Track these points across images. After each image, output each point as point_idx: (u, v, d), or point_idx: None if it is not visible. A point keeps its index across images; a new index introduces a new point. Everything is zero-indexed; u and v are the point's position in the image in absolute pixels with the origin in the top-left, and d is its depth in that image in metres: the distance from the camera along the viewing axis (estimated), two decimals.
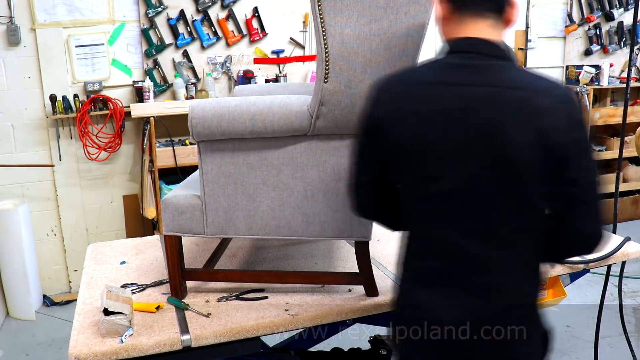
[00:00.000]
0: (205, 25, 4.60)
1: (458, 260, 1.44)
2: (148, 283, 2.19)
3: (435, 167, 1.42)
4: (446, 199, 1.43)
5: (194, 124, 1.92)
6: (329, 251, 2.52)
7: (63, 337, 4.04)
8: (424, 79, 1.46)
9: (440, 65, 1.46)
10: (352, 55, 1.79)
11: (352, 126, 1.87)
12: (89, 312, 1.97)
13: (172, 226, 2.00)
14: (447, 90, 1.40)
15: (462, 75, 1.40)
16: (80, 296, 2.10)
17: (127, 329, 1.83)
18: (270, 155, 1.94)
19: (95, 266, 2.36)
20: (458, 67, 1.41)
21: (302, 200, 1.97)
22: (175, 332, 1.86)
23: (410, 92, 1.45)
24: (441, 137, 1.40)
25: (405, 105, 1.44)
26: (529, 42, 5.72)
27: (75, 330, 1.86)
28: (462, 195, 1.41)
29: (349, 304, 2.04)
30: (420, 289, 1.50)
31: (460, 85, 1.38)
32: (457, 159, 1.39)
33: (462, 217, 1.42)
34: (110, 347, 1.77)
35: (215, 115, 1.88)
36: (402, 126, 1.44)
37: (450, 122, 1.39)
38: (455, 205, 1.42)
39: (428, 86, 1.43)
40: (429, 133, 1.41)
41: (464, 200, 1.41)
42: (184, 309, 2.00)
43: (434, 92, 1.41)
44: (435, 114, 1.40)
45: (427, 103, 1.41)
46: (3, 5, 4.11)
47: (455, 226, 1.43)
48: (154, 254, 2.45)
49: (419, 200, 1.48)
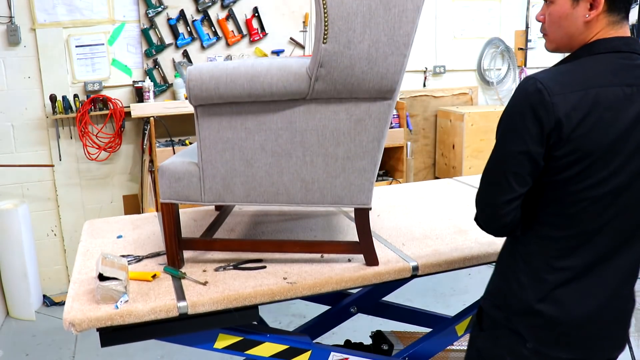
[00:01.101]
0: (205, 25, 4.61)
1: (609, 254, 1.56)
2: (144, 254, 2.16)
3: (613, 166, 1.46)
4: (614, 196, 1.48)
5: (191, 86, 1.89)
6: (328, 225, 2.49)
7: (63, 337, 4.02)
8: (602, 80, 1.46)
9: (610, 64, 1.48)
10: (351, 15, 1.78)
11: (351, 89, 1.86)
12: (84, 281, 1.94)
13: (168, 193, 1.97)
14: (629, 91, 1.44)
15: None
16: (76, 267, 2.07)
17: (122, 295, 1.80)
18: (268, 120, 1.91)
19: (91, 240, 2.32)
20: (634, 67, 1.47)
21: (301, 166, 1.94)
22: (171, 298, 1.82)
23: (593, 94, 1.43)
24: (625, 137, 1.44)
25: (590, 107, 1.43)
26: (529, 42, 5.73)
27: (70, 298, 1.83)
28: (628, 191, 1.49)
29: (349, 273, 2.00)
30: (566, 287, 1.57)
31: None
32: (632, 156, 1.46)
33: (622, 213, 1.50)
34: (105, 313, 1.74)
35: (213, 77, 1.86)
36: (589, 128, 1.43)
37: (633, 123, 1.44)
38: (619, 201, 1.49)
39: (611, 88, 1.44)
40: (616, 133, 1.43)
41: (629, 195, 1.49)
42: (180, 278, 1.96)
43: (617, 92, 1.44)
44: (621, 112, 1.43)
45: (612, 103, 1.43)
46: (3, 5, 4.13)
47: (613, 223, 1.51)
48: (152, 229, 2.42)
49: (587, 200, 1.49)
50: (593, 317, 1.58)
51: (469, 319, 2.47)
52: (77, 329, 1.72)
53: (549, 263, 1.57)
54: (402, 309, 3.16)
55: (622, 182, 1.46)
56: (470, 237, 2.34)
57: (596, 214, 1.50)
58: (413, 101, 5.41)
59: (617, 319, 1.64)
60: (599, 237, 1.52)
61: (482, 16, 5.56)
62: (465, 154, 5.20)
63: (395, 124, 5.01)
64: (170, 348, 3.81)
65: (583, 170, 1.45)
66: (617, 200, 1.48)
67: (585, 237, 1.53)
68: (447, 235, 2.37)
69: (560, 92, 1.42)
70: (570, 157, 1.44)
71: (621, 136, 1.43)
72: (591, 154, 1.43)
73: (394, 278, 2.07)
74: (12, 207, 4.22)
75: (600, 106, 1.41)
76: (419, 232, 2.41)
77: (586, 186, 1.46)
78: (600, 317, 1.58)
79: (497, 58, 5.68)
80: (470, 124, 5.17)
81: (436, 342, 2.45)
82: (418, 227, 2.47)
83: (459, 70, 5.62)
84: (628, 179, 1.47)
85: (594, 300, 1.57)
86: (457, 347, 2.90)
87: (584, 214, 1.50)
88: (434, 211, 2.72)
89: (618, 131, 1.42)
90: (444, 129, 5.46)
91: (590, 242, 1.53)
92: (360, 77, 1.84)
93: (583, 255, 1.54)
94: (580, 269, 1.55)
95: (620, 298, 1.62)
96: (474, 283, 4.29)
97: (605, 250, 1.54)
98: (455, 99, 5.62)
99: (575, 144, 1.42)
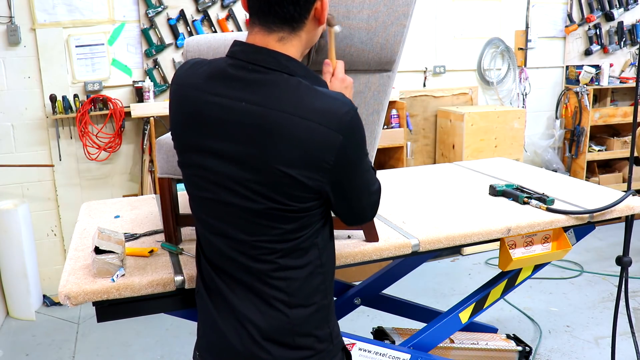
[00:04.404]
0: (205, 25, 4.61)
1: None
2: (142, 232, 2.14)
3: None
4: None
5: (189, 57, 1.88)
6: None
7: (63, 337, 4.01)
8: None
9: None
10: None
11: (350, 60, 1.84)
12: (81, 258, 1.92)
13: (166, 168, 1.95)
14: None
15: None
16: (72, 244, 2.05)
17: (118, 268, 1.77)
18: None
19: (88, 219, 2.30)
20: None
21: None
22: (168, 272, 1.80)
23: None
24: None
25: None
26: (529, 42, 5.74)
27: (65, 272, 1.81)
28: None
29: (348, 249, 1.98)
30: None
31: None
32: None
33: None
34: (101, 286, 1.72)
35: (211, 48, 1.85)
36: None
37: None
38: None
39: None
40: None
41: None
42: (178, 254, 1.94)
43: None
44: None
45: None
46: (3, 5, 4.14)
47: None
48: (149, 209, 2.40)
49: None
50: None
51: (472, 305, 2.45)
52: (73, 302, 1.69)
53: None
54: (405, 303, 3.16)
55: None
56: (470, 215, 2.32)
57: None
58: (413, 101, 5.40)
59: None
60: None
61: (482, 16, 5.57)
62: (465, 154, 5.18)
63: (395, 124, 5.00)
64: (170, 348, 3.79)
65: None
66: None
67: None
68: (447, 214, 2.35)
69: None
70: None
71: None
72: None
73: (395, 254, 2.04)
74: (12, 207, 4.20)
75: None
76: (419, 211, 2.40)
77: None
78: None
79: (497, 58, 5.68)
80: (470, 124, 5.16)
81: (440, 330, 2.42)
82: (418, 207, 2.46)
83: (459, 70, 5.61)
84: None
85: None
86: (458, 345, 2.89)
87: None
88: (434, 192, 2.70)
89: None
90: (444, 129, 5.45)
91: None
92: (360, 47, 1.82)
93: None
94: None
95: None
96: (474, 283, 4.27)
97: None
98: (455, 99, 5.62)
99: None
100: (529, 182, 2.75)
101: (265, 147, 1.30)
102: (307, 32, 1.41)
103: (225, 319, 1.48)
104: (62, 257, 4.60)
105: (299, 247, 1.41)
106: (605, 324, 3.88)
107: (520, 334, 3.39)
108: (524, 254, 2.31)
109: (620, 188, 4.31)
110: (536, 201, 2.41)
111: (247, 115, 1.31)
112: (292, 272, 1.42)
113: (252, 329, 1.43)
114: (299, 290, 1.44)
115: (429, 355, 2.39)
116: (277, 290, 1.42)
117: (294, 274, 1.42)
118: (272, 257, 1.40)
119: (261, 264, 1.41)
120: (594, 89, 5.78)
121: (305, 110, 1.30)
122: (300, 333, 1.45)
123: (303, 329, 1.46)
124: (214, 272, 1.50)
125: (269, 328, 1.43)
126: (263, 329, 1.43)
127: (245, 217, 1.38)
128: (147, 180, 4.48)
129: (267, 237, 1.38)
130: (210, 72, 1.39)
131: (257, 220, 1.37)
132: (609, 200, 2.42)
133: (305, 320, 1.46)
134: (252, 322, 1.43)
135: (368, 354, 2.27)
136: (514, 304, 4.25)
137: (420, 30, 5.33)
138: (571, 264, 4.95)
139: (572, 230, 2.38)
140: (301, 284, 1.44)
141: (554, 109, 6.07)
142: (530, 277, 2.48)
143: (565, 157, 6.03)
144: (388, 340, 2.84)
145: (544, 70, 5.95)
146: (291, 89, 1.32)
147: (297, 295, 1.44)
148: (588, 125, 5.78)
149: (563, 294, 4.45)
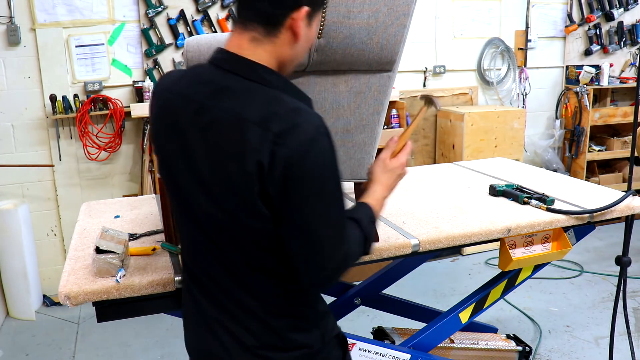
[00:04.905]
0: (205, 25, 4.61)
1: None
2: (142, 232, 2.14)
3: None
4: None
5: (189, 57, 1.87)
6: None
7: (63, 337, 4.01)
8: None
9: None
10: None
11: (350, 60, 1.85)
12: (81, 258, 1.92)
13: None
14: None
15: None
16: (72, 244, 2.05)
17: (119, 269, 1.78)
18: None
19: (88, 219, 2.31)
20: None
21: None
22: (168, 273, 1.81)
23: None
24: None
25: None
26: (529, 42, 5.74)
27: (66, 273, 1.81)
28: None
29: None
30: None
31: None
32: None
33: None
34: (101, 286, 1.72)
35: (211, 48, 1.82)
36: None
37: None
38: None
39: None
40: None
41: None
42: (178, 254, 1.94)
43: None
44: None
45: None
46: (3, 5, 4.14)
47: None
48: (149, 209, 2.41)
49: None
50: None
51: (472, 306, 2.46)
52: (73, 302, 1.70)
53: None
54: (405, 303, 3.17)
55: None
56: (470, 215, 2.32)
57: None
58: (413, 101, 5.40)
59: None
60: None
61: (482, 16, 5.57)
62: (465, 154, 5.18)
63: (395, 124, 5.00)
64: (170, 348, 3.78)
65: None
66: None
67: None
68: (447, 214, 2.35)
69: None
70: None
71: None
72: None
73: (395, 255, 2.04)
74: (12, 207, 4.20)
75: None
76: (420, 211, 2.40)
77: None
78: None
79: (497, 58, 5.68)
80: (470, 124, 5.16)
81: (440, 330, 2.43)
82: (418, 207, 2.46)
83: (459, 70, 5.61)
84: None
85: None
86: (458, 345, 2.89)
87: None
88: (434, 192, 2.70)
89: None
90: (444, 129, 5.45)
91: None
92: (360, 47, 1.82)
93: None
94: None
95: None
96: (474, 283, 4.26)
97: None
98: (455, 99, 5.62)
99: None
100: (529, 182, 2.75)
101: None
102: (281, 43, 1.35)
103: (199, 325, 1.48)
104: (62, 257, 4.60)
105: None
106: (605, 324, 3.88)
107: (520, 334, 3.39)
108: (524, 254, 2.31)
109: (620, 188, 4.30)
110: (536, 201, 2.41)
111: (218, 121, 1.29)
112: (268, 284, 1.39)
113: (239, 336, 1.41)
114: (276, 302, 1.40)
115: (429, 355, 2.39)
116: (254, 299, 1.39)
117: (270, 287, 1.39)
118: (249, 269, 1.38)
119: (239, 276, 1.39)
120: (594, 89, 5.78)
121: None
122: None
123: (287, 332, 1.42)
124: (189, 278, 1.51)
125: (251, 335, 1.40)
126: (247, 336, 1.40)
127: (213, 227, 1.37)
128: (147, 180, 4.48)
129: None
130: (190, 79, 1.40)
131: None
132: (609, 200, 2.42)
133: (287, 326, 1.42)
134: (229, 329, 1.41)
135: (368, 354, 2.27)
136: (514, 304, 4.25)
137: (420, 30, 5.33)
138: (571, 264, 4.95)
139: (572, 230, 2.38)
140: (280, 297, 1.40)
141: (554, 109, 6.07)
142: (530, 277, 2.48)
143: (565, 157, 6.03)
144: (388, 340, 2.84)
145: (544, 70, 5.95)
146: (263, 98, 1.29)
147: (276, 304, 1.40)
148: (588, 125, 5.78)
149: (563, 294, 4.45)
